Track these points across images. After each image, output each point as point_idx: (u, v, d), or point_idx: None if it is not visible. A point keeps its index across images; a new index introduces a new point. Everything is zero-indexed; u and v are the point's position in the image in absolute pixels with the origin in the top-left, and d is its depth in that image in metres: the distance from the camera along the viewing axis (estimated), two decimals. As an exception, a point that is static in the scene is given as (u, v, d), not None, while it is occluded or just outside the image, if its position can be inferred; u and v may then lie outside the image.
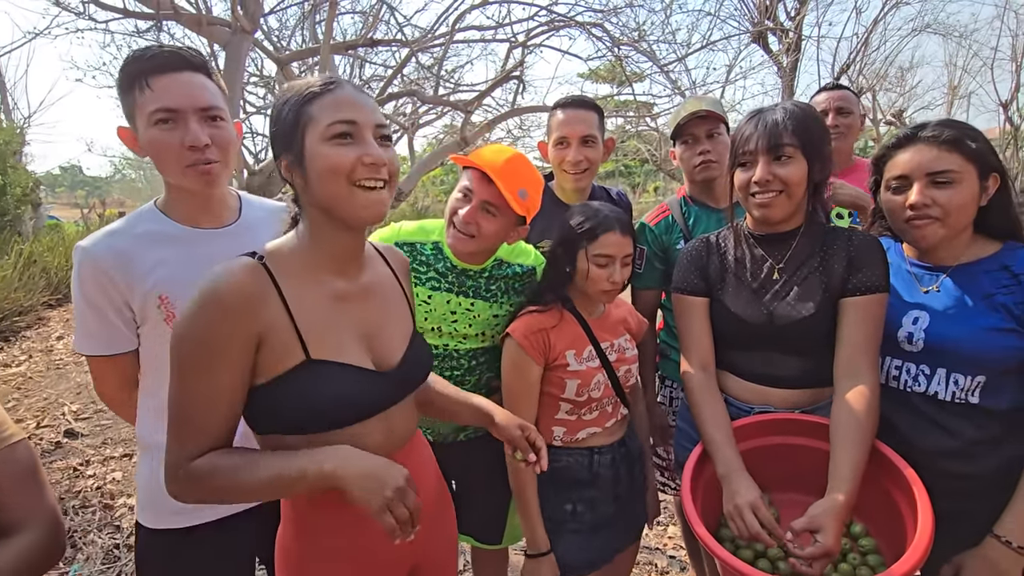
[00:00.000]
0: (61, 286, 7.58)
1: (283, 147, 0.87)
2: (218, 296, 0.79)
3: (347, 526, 0.94)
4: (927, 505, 1.01)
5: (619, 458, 1.42)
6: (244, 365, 0.82)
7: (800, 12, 8.83)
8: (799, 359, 1.26)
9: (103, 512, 2.74)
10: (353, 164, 0.83)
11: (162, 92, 1.03)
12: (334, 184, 0.83)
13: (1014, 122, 12.82)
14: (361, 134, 0.85)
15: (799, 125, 1.17)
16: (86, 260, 1.07)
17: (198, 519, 1.14)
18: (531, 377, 1.33)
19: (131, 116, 1.08)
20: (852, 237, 1.23)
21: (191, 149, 1.05)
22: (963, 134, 1.11)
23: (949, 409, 1.13)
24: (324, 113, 0.83)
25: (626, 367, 1.41)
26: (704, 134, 1.68)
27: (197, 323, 0.79)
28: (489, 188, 1.28)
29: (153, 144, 1.05)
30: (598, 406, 1.38)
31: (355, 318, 0.93)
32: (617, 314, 1.47)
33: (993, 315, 1.08)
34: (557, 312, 1.36)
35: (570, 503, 1.38)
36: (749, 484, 1.11)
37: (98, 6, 3.99)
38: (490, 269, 1.45)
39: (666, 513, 2.66)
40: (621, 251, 1.32)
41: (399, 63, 5.67)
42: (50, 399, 4.27)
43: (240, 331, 0.80)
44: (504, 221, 1.32)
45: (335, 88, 0.85)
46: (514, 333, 1.32)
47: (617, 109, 8.91)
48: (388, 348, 0.97)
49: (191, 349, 0.79)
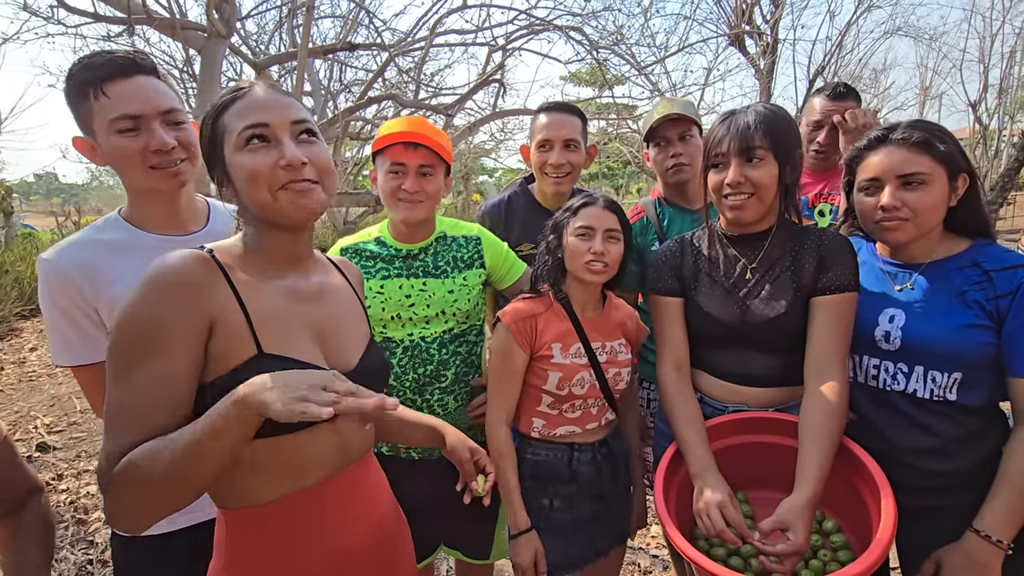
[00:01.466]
0: (35, 296, 7.37)
1: (210, 163, 0.86)
2: (165, 277, 0.74)
3: (281, 551, 0.84)
4: (891, 503, 1.02)
5: (600, 457, 1.41)
6: (192, 352, 0.75)
7: (775, 15, 8.99)
8: (772, 358, 1.27)
9: (76, 527, 2.67)
10: (271, 169, 0.80)
11: (120, 99, 1.02)
12: (256, 192, 0.81)
13: (983, 122, 13.17)
14: (276, 135, 0.82)
15: (770, 128, 1.19)
16: (52, 272, 1.06)
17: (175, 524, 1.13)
18: (515, 363, 1.33)
19: (86, 125, 1.06)
20: (823, 237, 1.25)
21: (157, 153, 1.05)
22: (932, 136, 1.13)
23: (928, 407, 1.15)
24: (235, 120, 0.81)
25: (616, 370, 1.39)
26: (676, 137, 1.70)
27: (141, 306, 0.73)
28: (416, 153, 1.35)
29: (118, 152, 1.04)
30: (582, 405, 1.37)
31: (309, 316, 0.89)
32: (616, 317, 1.44)
33: (967, 311, 1.10)
34: (547, 300, 1.37)
35: (547, 498, 1.38)
36: (717, 482, 1.12)
37: (67, 10, 3.90)
38: (434, 245, 1.48)
39: (649, 512, 2.68)
40: (602, 223, 1.31)
41: (379, 67, 5.64)
42: (22, 412, 4.16)
43: (187, 314, 0.74)
44: (439, 177, 1.41)
45: (244, 93, 0.83)
46: (504, 317, 1.34)
47: (599, 112, 8.97)
48: (343, 351, 0.93)
49: (133, 333, 0.72)
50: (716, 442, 1.23)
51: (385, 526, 0.98)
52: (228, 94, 0.84)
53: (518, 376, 1.34)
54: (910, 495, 1.12)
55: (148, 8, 3.67)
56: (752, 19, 9.08)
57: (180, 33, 3.84)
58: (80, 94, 1.03)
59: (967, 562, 1.07)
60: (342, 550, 0.89)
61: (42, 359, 5.50)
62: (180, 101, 1.12)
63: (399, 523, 1.05)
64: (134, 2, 3.62)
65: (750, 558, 1.12)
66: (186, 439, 0.69)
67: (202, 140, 0.86)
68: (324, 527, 0.87)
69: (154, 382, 0.72)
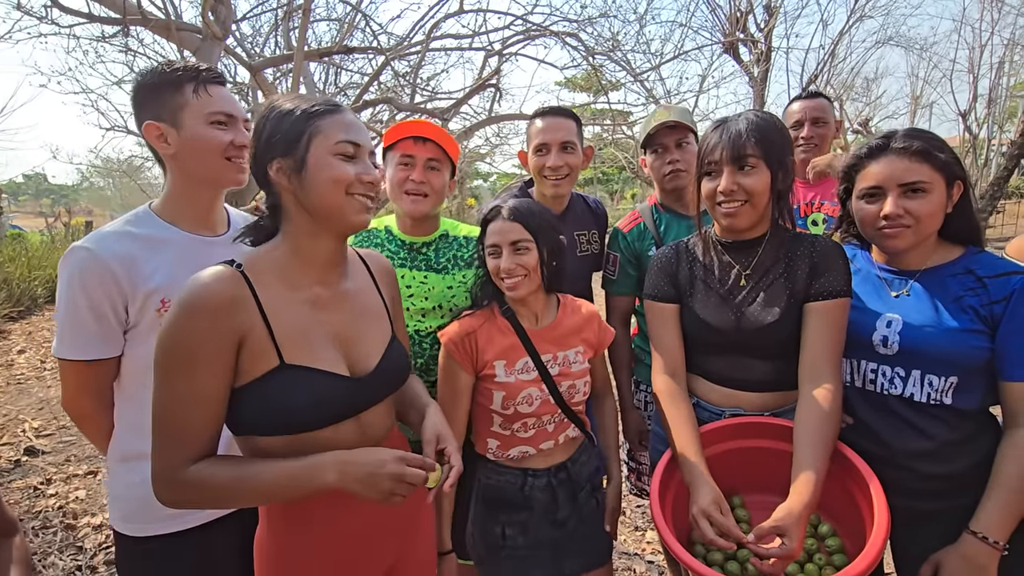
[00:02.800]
0: (23, 298, 7.31)
1: (281, 151, 0.92)
2: (198, 302, 0.84)
3: (323, 523, 0.95)
4: (884, 506, 1.03)
5: (557, 483, 1.36)
6: (226, 367, 0.86)
7: (769, 24, 9.09)
8: (767, 363, 1.28)
9: (65, 532, 2.63)
10: (353, 179, 0.93)
11: (220, 99, 1.19)
12: (333, 193, 0.93)
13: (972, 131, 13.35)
14: (361, 155, 0.96)
15: (762, 135, 1.20)
16: (91, 260, 1.07)
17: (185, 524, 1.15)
18: (459, 384, 1.30)
19: (173, 115, 1.16)
20: (815, 243, 1.27)
21: (238, 148, 1.20)
22: (931, 145, 1.15)
23: (924, 410, 1.16)
24: (334, 130, 0.93)
25: (570, 382, 1.33)
26: (673, 143, 1.71)
27: (178, 329, 0.83)
28: (424, 147, 1.43)
29: (202, 139, 1.17)
30: (535, 424, 1.33)
31: (331, 324, 0.97)
32: (571, 324, 1.39)
33: (962, 316, 1.12)
34: (487, 312, 1.33)
35: (499, 525, 1.34)
36: (708, 489, 1.12)
37: (60, 10, 3.88)
38: (437, 241, 1.55)
39: (644, 518, 2.68)
40: (505, 237, 1.27)
41: (375, 71, 5.65)
42: (10, 415, 4.10)
43: (219, 334, 0.84)
44: (445, 172, 1.48)
45: (343, 110, 0.96)
46: (442, 338, 1.31)
47: (594, 117, 9.02)
48: (364, 354, 1.00)
49: (174, 355, 0.83)
50: (712, 447, 1.23)
51: (406, 510, 1.04)
52: (323, 103, 0.95)
53: (463, 398, 1.31)
54: (906, 498, 1.14)
55: (143, 9, 3.66)
56: (746, 27, 9.18)
57: (175, 34, 3.83)
58: (175, 87, 1.15)
59: (964, 564, 1.08)
60: (358, 525, 0.98)
61: (30, 361, 5.44)
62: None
63: (421, 507, 1.12)
64: (129, 3, 3.60)
65: (746, 561, 1.12)
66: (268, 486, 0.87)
67: (279, 128, 0.93)
68: (340, 504, 0.95)
69: (196, 397, 0.84)
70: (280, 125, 0.92)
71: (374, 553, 1.02)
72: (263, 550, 0.99)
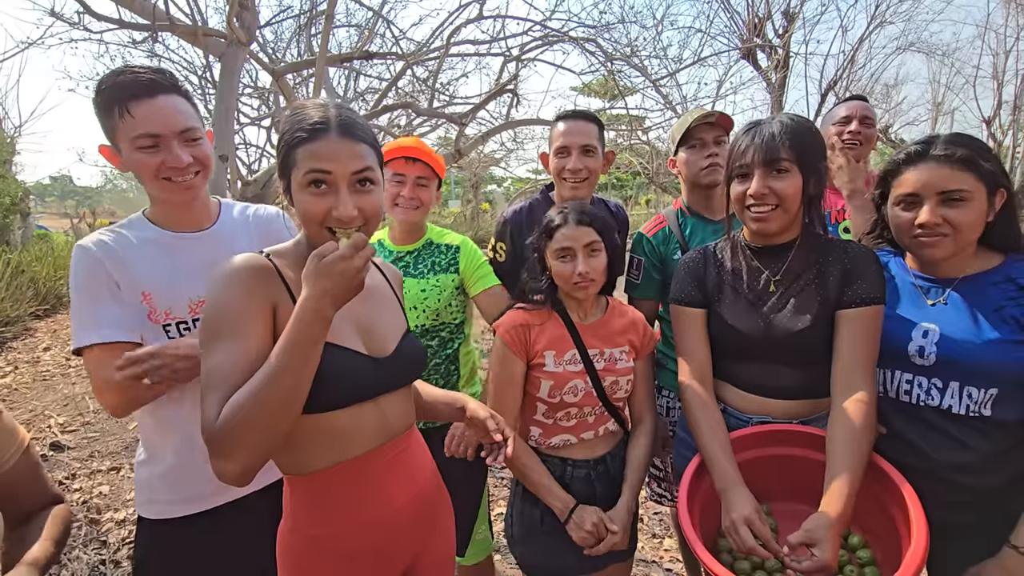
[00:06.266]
0: (49, 296, 7.48)
1: (280, 174, 0.95)
2: (233, 272, 0.88)
3: (345, 518, 0.97)
4: (922, 521, 1.01)
5: (595, 475, 1.38)
6: (267, 328, 0.88)
7: (788, 30, 9.01)
8: (797, 370, 1.26)
9: (89, 527, 2.68)
10: (324, 214, 0.90)
11: (143, 119, 1.11)
12: (310, 225, 0.93)
13: (996, 138, 13.08)
14: (336, 184, 0.89)
15: (795, 139, 1.18)
16: (85, 255, 1.16)
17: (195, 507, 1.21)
18: (513, 371, 1.35)
19: (112, 138, 1.16)
20: (848, 249, 1.24)
21: (172, 169, 1.15)
22: (976, 153, 1.11)
23: (963, 422, 1.13)
24: (304, 160, 0.89)
25: (613, 378, 1.37)
26: (712, 139, 1.72)
27: (220, 298, 0.86)
28: (414, 167, 1.65)
29: (137, 164, 1.15)
30: (577, 414, 1.37)
31: (351, 310, 0.98)
32: (619, 324, 1.42)
33: (1004, 327, 1.09)
34: (545, 313, 1.38)
35: (538, 511, 1.38)
36: (745, 498, 1.11)
37: (93, 16, 3.97)
38: (420, 249, 1.73)
39: (662, 525, 2.65)
40: (578, 242, 1.32)
41: (394, 76, 5.70)
42: (36, 411, 4.19)
43: (256, 297, 0.88)
44: (432, 189, 1.71)
45: (319, 135, 0.89)
46: (498, 329, 1.37)
47: (610, 123, 9.01)
48: (382, 340, 1.03)
49: (219, 318, 0.85)
50: (739, 454, 1.22)
51: (425, 497, 1.08)
52: (305, 128, 0.89)
53: (517, 384, 1.36)
54: (943, 510, 1.11)
55: (171, 16, 3.74)
56: (764, 34, 9.12)
57: (201, 40, 3.90)
58: (107, 110, 1.12)
59: None
60: (379, 519, 0.99)
61: (55, 359, 5.55)
62: (198, 116, 1.21)
63: (440, 495, 1.14)
64: (158, 9, 3.68)
65: (775, 572, 1.11)
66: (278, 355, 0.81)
67: (278, 152, 0.95)
68: (362, 497, 0.98)
69: (240, 357, 0.83)
70: (278, 147, 0.95)
71: (395, 549, 1.03)
72: (285, 544, 1.00)
